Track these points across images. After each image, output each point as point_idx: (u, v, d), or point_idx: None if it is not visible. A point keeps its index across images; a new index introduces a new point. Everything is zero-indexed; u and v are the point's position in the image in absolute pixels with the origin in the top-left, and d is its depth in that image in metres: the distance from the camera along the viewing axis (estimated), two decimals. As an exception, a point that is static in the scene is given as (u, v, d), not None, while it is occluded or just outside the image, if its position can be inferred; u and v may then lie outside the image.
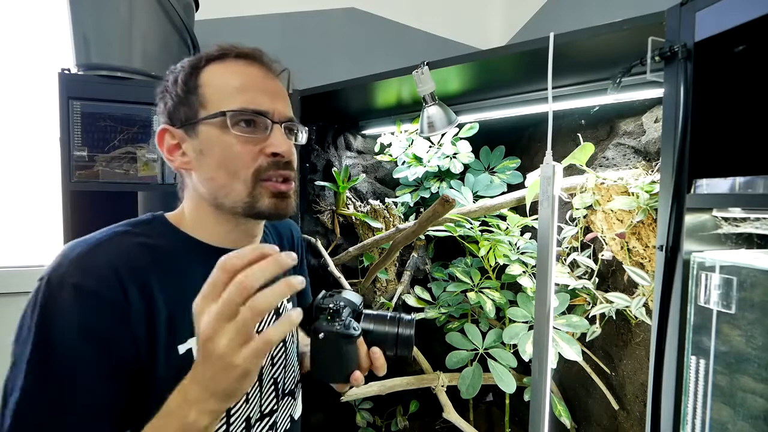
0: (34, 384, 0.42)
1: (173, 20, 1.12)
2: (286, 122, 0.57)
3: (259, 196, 0.54)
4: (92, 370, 0.44)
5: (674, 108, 0.58)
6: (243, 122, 0.53)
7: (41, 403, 0.42)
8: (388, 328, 0.60)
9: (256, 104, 0.54)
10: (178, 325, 0.50)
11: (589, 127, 1.09)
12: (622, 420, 0.99)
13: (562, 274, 1.02)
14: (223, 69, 0.55)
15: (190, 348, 0.51)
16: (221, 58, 0.56)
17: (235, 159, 0.53)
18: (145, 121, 1.10)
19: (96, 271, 0.46)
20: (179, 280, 0.51)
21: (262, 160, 0.54)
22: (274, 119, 0.55)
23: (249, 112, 0.53)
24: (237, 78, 0.55)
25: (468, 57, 0.87)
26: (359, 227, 1.40)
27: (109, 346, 0.45)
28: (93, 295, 0.44)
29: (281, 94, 0.58)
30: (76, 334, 0.43)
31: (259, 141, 0.54)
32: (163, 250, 0.53)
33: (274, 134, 0.55)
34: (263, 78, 0.57)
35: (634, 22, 0.66)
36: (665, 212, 0.60)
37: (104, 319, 0.44)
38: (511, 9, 1.80)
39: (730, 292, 0.53)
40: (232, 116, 0.52)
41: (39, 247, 1.43)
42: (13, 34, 1.39)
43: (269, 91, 0.56)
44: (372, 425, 1.36)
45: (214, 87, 0.54)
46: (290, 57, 1.75)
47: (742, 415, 0.52)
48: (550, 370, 0.79)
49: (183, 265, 0.53)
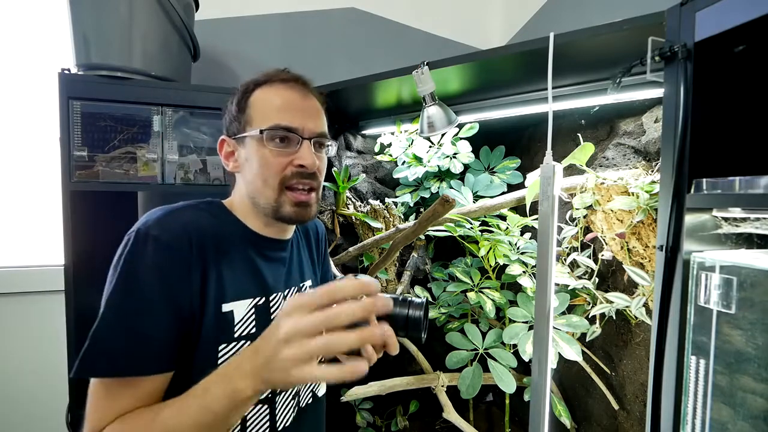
0: (110, 312, 0.53)
1: (173, 20, 1.12)
2: (316, 138, 0.66)
3: (283, 202, 0.64)
4: (158, 303, 0.54)
5: (674, 108, 0.58)
6: (277, 138, 0.63)
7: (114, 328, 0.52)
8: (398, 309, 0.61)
9: (288, 122, 0.63)
10: (226, 287, 0.60)
11: (589, 127, 1.09)
12: (622, 420, 0.99)
13: (562, 274, 1.02)
14: (266, 93, 0.66)
15: (231, 310, 0.60)
16: (267, 83, 0.66)
17: (268, 168, 0.63)
18: (145, 121, 1.10)
19: (171, 229, 0.57)
20: (229, 251, 0.62)
21: (288, 170, 0.64)
22: (303, 135, 0.64)
23: (281, 129, 0.63)
24: (276, 100, 0.65)
25: (468, 57, 0.87)
26: (359, 227, 1.40)
27: (172, 287, 0.55)
28: (167, 246, 0.55)
29: (314, 113, 0.67)
30: (152, 273, 0.54)
31: (290, 154, 0.64)
32: (218, 227, 0.63)
33: (303, 148, 0.64)
34: (300, 99, 0.66)
35: (634, 22, 0.66)
36: (665, 212, 0.60)
37: (173, 266, 0.55)
38: (511, 9, 1.80)
39: (730, 292, 0.53)
40: (267, 133, 0.63)
41: (39, 247, 1.43)
42: (13, 34, 1.39)
43: (302, 111, 0.65)
44: (372, 425, 1.36)
45: (257, 108, 0.65)
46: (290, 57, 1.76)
47: (742, 415, 0.52)
48: (550, 370, 0.79)
49: (232, 240, 0.64)
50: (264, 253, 0.68)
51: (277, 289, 0.68)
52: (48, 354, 1.40)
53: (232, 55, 1.55)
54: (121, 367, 0.51)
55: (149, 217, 0.58)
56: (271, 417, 0.65)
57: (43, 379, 1.40)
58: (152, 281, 0.54)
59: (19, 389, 1.39)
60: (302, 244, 0.80)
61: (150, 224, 0.56)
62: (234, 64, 1.55)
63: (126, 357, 0.52)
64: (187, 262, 0.56)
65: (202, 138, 1.15)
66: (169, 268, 0.55)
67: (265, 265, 0.67)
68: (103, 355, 0.51)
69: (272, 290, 0.67)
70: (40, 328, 1.40)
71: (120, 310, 0.53)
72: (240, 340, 0.61)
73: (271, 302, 0.66)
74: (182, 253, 0.56)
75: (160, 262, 0.55)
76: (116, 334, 0.52)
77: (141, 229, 0.56)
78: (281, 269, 0.71)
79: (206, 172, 1.16)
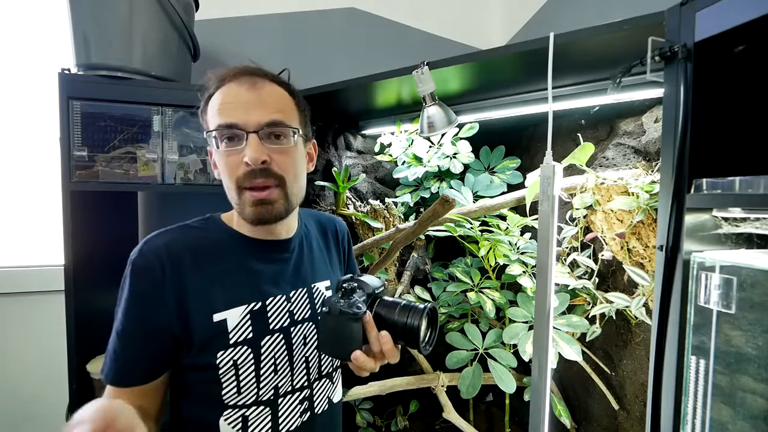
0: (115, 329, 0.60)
1: (173, 20, 1.12)
2: (265, 128, 0.60)
3: (244, 203, 0.62)
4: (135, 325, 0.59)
5: (674, 108, 0.58)
6: (225, 138, 0.60)
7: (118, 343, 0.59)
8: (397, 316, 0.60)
9: (228, 118, 0.59)
10: (214, 297, 0.61)
11: (589, 127, 1.09)
12: (622, 420, 0.99)
13: (562, 274, 1.02)
14: (217, 94, 0.61)
15: (224, 318, 0.61)
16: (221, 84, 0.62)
17: (225, 170, 0.62)
18: (145, 121, 1.10)
19: (145, 253, 0.60)
20: (217, 263, 0.63)
21: (240, 170, 0.60)
22: (247, 129, 0.59)
23: (222, 128, 0.59)
24: (219, 99, 0.61)
25: (468, 57, 0.87)
26: (359, 227, 1.40)
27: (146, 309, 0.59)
28: (141, 270, 0.59)
29: (262, 103, 0.60)
30: (130, 296, 0.59)
31: (239, 152, 0.59)
32: (206, 241, 0.64)
33: (248, 144, 0.59)
34: (246, 91, 0.60)
35: (634, 22, 0.65)
36: (665, 212, 0.60)
37: (144, 289, 0.59)
38: (511, 9, 1.80)
39: (730, 292, 0.53)
40: (214, 135, 0.60)
41: (39, 247, 1.43)
42: (13, 34, 1.39)
43: (245, 103, 0.59)
44: (372, 425, 1.36)
45: (209, 112, 0.62)
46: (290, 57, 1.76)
47: (742, 415, 0.52)
48: (550, 370, 0.79)
49: (222, 251, 0.65)
50: (261, 256, 0.67)
51: (278, 291, 0.67)
52: (48, 354, 1.40)
53: (232, 55, 1.54)
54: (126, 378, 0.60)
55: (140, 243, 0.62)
56: (273, 420, 0.65)
57: (43, 379, 1.40)
58: (132, 303, 0.59)
59: (19, 389, 1.39)
60: (316, 243, 0.77)
61: (135, 250, 0.61)
62: (234, 64, 1.53)
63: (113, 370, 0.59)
64: (159, 284, 0.59)
65: (202, 138, 1.15)
66: (141, 290, 0.59)
67: (263, 270, 0.66)
68: (104, 365, 0.61)
69: (270, 294, 0.66)
70: (40, 328, 1.40)
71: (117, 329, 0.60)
72: (237, 345, 0.61)
73: (269, 306, 0.65)
74: (153, 275, 0.59)
75: (135, 286, 0.59)
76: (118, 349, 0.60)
77: (131, 255, 0.61)
78: (285, 270, 0.69)
79: (206, 172, 1.16)
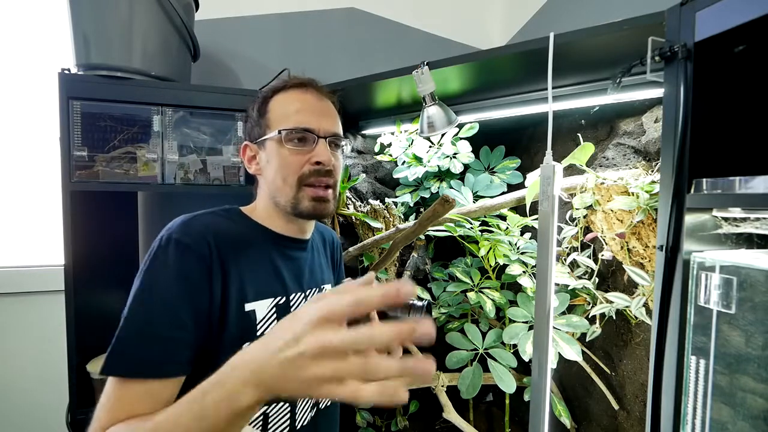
0: (131, 314, 0.54)
1: (173, 20, 1.12)
2: (331, 137, 0.70)
3: (302, 198, 0.67)
4: (178, 304, 0.55)
5: (674, 108, 0.58)
6: (296, 138, 0.67)
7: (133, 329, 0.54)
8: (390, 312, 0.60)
9: (305, 123, 0.67)
10: (247, 287, 0.63)
11: (589, 127, 1.09)
12: (622, 420, 0.99)
13: (562, 274, 1.02)
14: (284, 97, 0.71)
15: (254, 309, 0.63)
16: (284, 89, 0.71)
17: (287, 166, 0.67)
18: (145, 121, 1.10)
19: (191, 232, 0.60)
20: (248, 253, 0.65)
21: (306, 168, 0.67)
22: (319, 134, 0.68)
23: (298, 130, 0.67)
24: (293, 103, 0.69)
25: (468, 57, 0.87)
26: (359, 227, 1.40)
27: (193, 288, 0.57)
28: (187, 247, 0.58)
29: (328, 114, 0.71)
30: (172, 275, 0.56)
31: (307, 152, 0.67)
32: (237, 230, 0.66)
33: (318, 147, 0.68)
34: (316, 101, 0.71)
35: (634, 22, 0.65)
36: (665, 212, 0.60)
37: (193, 267, 0.57)
38: (511, 9, 1.80)
39: (730, 292, 0.53)
40: (285, 134, 0.67)
41: (39, 247, 1.43)
42: (13, 34, 1.39)
43: (318, 112, 0.69)
44: (372, 425, 1.36)
45: (276, 112, 0.69)
46: (290, 57, 1.76)
47: (742, 415, 0.52)
48: (550, 370, 0.79)
49: (251, 242, 0.67)
50: (285, 252, 0.71)
51: (297, 288, 0.71)
52: (48, 354, 1.39)
53: (231, 55, 1.54)
54: (138, 368, 0.52)
55: (172, 224, 0.62)
56: (292, 415, 0.67)
57: (43, 379, 1.40)
58: (172, 283, 0.56)
59: (19, 389, 1.39)
60: (320, 249, 0.83)
61: (172, 229, 0.60)
62: (234, 64, 1.55)
63: (142, 359, 0.52)
64: (207, 263, 0.58)
65: (202, 138, 1.15)
66: (189, 269, 0.57)
67: (285, 265, 0.70)
68: (121, 355, 0.53)
69: (292, 290, 0.70)
70: (40, 328, 1.40)
71: (139, 313, 0.54)
72: None
73: (291, 301, 0.69)
74: (202, 254, 0.58)
75: (181, 264, 0.57)
76: (134, 335, 0.53)
77: (164, 234, 0.59)
78: (302, 269, 0.74)
79: (206, 172, 1.16)
